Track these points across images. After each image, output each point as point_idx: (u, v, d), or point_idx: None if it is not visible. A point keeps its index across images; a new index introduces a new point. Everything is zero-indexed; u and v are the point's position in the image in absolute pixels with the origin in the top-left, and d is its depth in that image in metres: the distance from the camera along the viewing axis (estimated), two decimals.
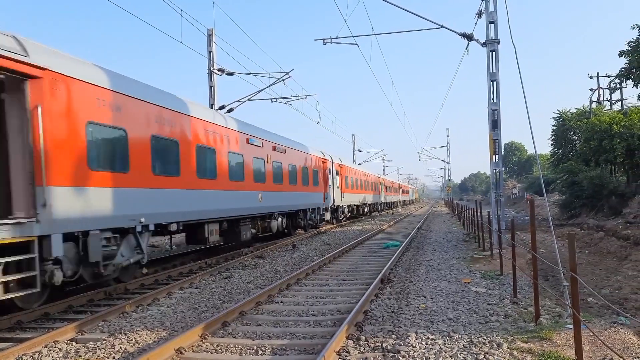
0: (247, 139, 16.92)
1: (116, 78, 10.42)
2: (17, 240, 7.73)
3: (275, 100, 25.45)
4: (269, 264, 14.68)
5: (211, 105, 22.03)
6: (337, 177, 31.45)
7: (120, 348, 6.84)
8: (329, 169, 29.20)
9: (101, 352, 6.69)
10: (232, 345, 6.78)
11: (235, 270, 13.49)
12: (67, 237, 8.78)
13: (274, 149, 19.74)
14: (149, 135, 11.21)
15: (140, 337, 7.36)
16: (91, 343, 7.10)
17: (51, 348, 6.93)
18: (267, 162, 18.88)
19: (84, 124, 9.26)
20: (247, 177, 16.77)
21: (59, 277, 8.53)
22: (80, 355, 6.64)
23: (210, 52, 22.31)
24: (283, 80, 22.93)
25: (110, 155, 10.08)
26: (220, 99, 55.29)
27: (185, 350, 6.47)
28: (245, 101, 23.04)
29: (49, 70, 8.46)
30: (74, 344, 7.17)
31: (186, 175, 12.75)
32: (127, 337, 7.31)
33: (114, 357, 6.54)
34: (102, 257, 9.63)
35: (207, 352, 6.63)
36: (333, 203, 30.12)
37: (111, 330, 7.80)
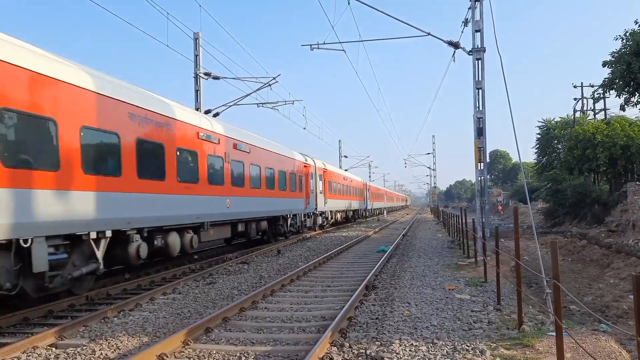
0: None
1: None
2: None
3: (261, 105, 25.42)
4: (253, 269, 14.61)
5: (197, 109, 21.93)
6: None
7: (101, 354, 6.74)
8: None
9: (81, 358, 6.59)
10: (215, 352, 6.71)
11: (219, 276, 13.39)
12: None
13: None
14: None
15: (121, 342, 7.26)
16: (71, 349, 6.99)
17: (30, 354, 6.81)
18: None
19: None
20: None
21: None
22: None
23: (196, 56, 22.24)
24: (270, 85, 22.93)
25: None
26: (206, 103, 55.12)
27: (167, 357, 6.39)
28: (231, 105, 22.99)
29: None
30: (53, 349, 7.05)
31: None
32: (108, 343, 7.21)
33: None
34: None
35: (189, 358, 6.56)
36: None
37: (92, 335, 7.69)
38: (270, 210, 20.86)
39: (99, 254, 9.98)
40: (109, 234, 10.19)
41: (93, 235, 9.70)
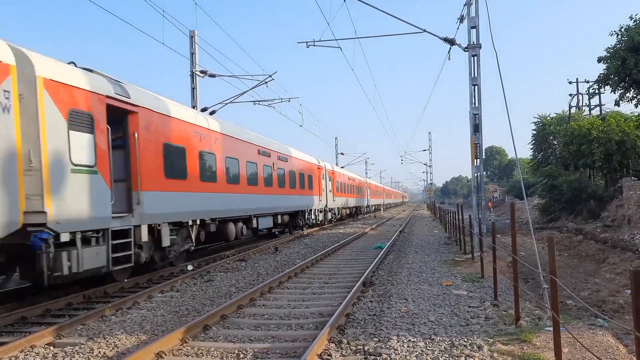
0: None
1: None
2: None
3: (258, 102, 25.40)
4: (251, 267, 14.62)
5: (193, 107, 21.90)
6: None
7: (99, 352, 6.75)
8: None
9: (79, 357, 6.59)
10: (213, 349, 6.73)
11: (217, 274, 13.40)
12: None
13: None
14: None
15: (119, 341, 7.26)
16: (69, 347, 6.98)
17: (28, 353, 6.80)
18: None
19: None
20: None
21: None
22: None
23: (192, 53, 22.21)
24: (266, 82, 22.91)
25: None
26: (202, 101, 54.95)
27: (165, 354, 6.40)
28: (227, 103, 22.96)
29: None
30: (51, 348, 7.05)
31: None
32: (107, 341, 7.21)
33: None
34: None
35: (187, 356, 6.57)
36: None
37: (90, 334, 7.68)
38: (296, 205, 25.53)
39: (193, 235, 14.18)
40: (197, 221, 14.44)
41: (190, 222, 13.88)
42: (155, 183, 12.08)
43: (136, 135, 11.36)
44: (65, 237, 9.00)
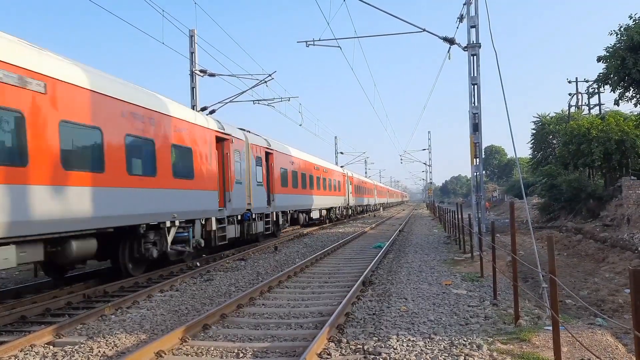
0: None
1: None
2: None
3: (257, 102, 25.39)
4: (250, 266, 14.62)
5: (193, 107, 21.89)
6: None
7: (99, 352, 6.75)
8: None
9: (79, 356, 6.59)
10: (212, 348, 6.73)
11: (217, 273, 13.41)
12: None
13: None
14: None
15: (119, 340, 7.26)
16: (69, 347, 6.99)
17: (27, 352, 6.80)
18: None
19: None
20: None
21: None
22: (57, 359, 6.54)
23: (192, 53, 22.18)
24: (265, 82, 22.90)
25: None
26: (202, 100, 54.92)
27: (165, 354, 6.41)
28: (227, 103, 22.96)
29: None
30: (51, 347, 7.05)
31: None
32: (106, 341, 7.22)
33: None
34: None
35: (187, 355, 6.57)
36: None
37: (90, 333, 7.69)
38: (333, 203, 36.75)
39: (288, 218, 25.43)
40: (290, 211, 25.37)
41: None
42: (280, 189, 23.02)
43: (272, 165, 21.89)
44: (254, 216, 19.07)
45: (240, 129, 18.78)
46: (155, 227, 12.34)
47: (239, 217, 18.04)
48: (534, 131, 51.79)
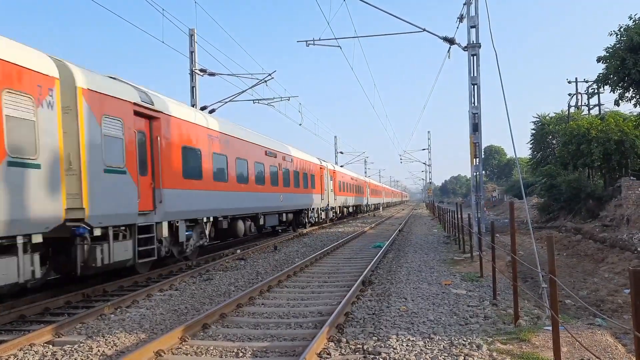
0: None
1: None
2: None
3: (257, 101, 25.38)
4: (250, 265, 14.62)
5: (193, 106, 21.88)
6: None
7: (99, 351, 6.74)
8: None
9: (78, 355, 6.58)
10: (212, 348, 6.73)
11: (216, 272, 13.40)
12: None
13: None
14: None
15: (118, 339, 7.26)
16: (68, 346, 6.98)
17: (27, 351, 6.80)
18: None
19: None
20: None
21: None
22: (57, 359, 6.53)
23: (192, 52, 22.17)
24: (265, 81, 22.90)
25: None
26: (202, 99, 54.96)
27: (164, 353, 6.40)
28: (227, 102, 22.95)
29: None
30: (50, 346, 7.04)
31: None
32: (106, 340, 7.21)
33: None
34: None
35: (186, 354, 6.57)
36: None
37: (89, 332, 7.68)
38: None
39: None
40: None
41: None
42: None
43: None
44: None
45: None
46: None
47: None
48: (534, 131, 51.77)
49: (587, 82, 43.45)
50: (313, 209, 29.43)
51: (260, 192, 19.86)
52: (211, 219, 15.23)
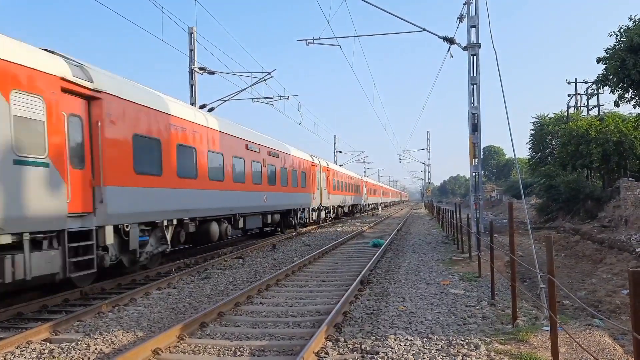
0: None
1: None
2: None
3: (257, 100, 25.37)
4: (248, 264, 14.60)
5: (192, 104, 21.86)
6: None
7: (96, 349, 6.73)
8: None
9: (76, 353, 6.57)
10: (210, 346, 6.72)
11: (214, 271, 13.38)
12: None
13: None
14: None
15: (116, 337, 7.25)
16: (66, 343, 6.97)
17: (24, 349, 6.79)
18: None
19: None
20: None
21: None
22: (54, 356, 6.52)
23: (191, 50, 22.16)
24: (265, 80, 22.88)
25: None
26: (201, 97, 54.97)
27: (162, 351, 6.39)
28: (226, 100, 22.95)
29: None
30: (48, 344, 7.03)
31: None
32: (103, 338, 7.20)
33: (89, 358, 6.42)
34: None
35: (184, 353, 6.55)
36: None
37: (87, 330, 7.67)
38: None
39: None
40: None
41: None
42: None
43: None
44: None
45: None
46: None
47: None
48: (533, 132, 51.76)
49: (586, 82, 43.49)
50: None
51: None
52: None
